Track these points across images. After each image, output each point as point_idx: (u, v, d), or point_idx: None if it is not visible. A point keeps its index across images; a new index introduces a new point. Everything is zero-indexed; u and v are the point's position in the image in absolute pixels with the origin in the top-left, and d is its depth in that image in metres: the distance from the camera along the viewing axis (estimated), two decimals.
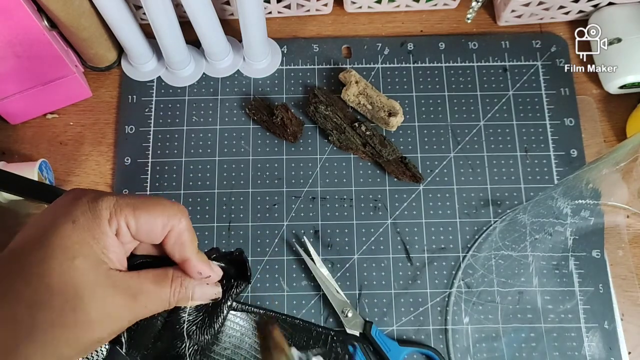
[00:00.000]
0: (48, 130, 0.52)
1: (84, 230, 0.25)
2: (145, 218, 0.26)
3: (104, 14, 0.46)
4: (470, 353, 0.45)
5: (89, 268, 0.24)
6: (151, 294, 0.27)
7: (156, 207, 0.27)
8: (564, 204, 0.46)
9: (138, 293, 0.26)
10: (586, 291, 0.46)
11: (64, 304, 0.23)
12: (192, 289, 0.28)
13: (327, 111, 0.50)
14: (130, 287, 0.26)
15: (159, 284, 0.27)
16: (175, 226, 0.27)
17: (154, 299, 0.27)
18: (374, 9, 0.55)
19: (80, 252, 0.24)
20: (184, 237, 0.28)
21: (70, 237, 0.24)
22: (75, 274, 0.24)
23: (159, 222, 0.27)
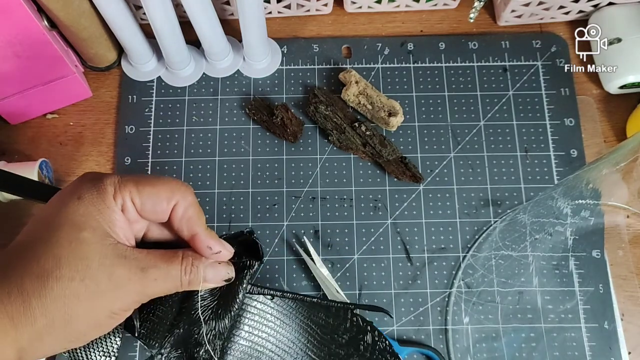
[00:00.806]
0: (48, 130, 0.52)
1: (90, 204, 0.25)
2: (148, 192, 0.27)
3: (104, 14, 0.46)
4: (470, 353, 0.45)
5: (96, 240, 0.25)
6: (161, 269, 0.26)
7: (159, 181, 0.27)
8: (564, 204, 0.46)
9: (147, 267, 0.26)
10: (586, 291, 0.46)
11: (73, 274, 0.24)
12: (204, 270, 0.28)
13: (327, 111, 0.50)
14: (139, 260, 0.26)
15: (168, 260, 0.27)
16: (180, 201, 0.27)
17: (163, 275, 0.26)
18: (374, 9, 0.55)
19: (87, 224, 0.25)
20: (190, 211, 0.28)
21: (77, 212, 0.25)
22: (82, 245, 0.24)
23: (163, 196, 0.27)
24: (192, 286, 0.28)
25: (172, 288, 0.27)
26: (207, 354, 0.29)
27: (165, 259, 0.27)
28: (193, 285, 0.28)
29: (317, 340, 0.33)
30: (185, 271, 0.27)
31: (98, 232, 0.25)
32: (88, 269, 0.24)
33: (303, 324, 0.33)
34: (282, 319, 0.33)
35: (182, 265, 0.27)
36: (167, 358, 0.29)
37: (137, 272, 0.25)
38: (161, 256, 0.27)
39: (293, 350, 0.33)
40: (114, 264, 0.25)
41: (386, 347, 0.33)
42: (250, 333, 0.32)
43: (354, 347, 0.33)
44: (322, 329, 0.33)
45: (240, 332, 0.31)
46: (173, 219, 0.28)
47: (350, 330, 0.33)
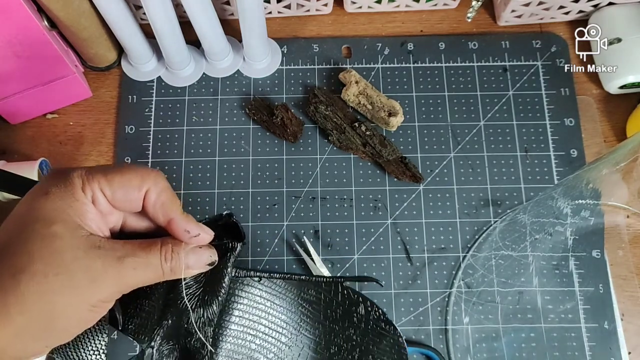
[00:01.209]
0: (48, 130, 0.52)
1: (58, 199, 0.25)
2: (118, 182, 0.26)
3: (104, 14, 0.46)
4: (470, 353, 0.45)
5: (68, 233, 0.24)
6: (139, 257, 0.26)
7: (128, 170, 0.27)
8: (564, 204, 0.46)
9: (124, 256, 0.25)
10: (586, 291, 0.46)
11: (47, 269, 0.23)
12: (186, 256, 0.27)
13: (327, 111, 0.50)
14: (115, 249, 0.25)
15: (146, 248, 0.26)
16: (152, 187, 0.27)
17: (142, 263, 0.26)
18: (374, 9, 0.55)
19: (57, 218, 0.24)
20: (163, 196, 0.27)
21: (45, 207, 0.24)
22: (54, 239, 0.24)
23: (134, 184, 0.26)
24: (174, 274, 0.27)
25: (153, 277, 0.26)
26: (199, 342, 0.29)
27: (143, 247, 0.26)
28: (176, 273, 0.27)
29: (310, 317, 0.33)
30: (165, 258, 0.26)
31: (69, 225, 0.24)
32: (62, 263, 0.24)
33: (295, 303, 0.33)
34: (273, 300, 0.32)
35: (162, 253, 0.26)
36: (159, 351, 0.29)
37: (113, 262, 0.25)
38: (139, 245, 0.26)
39: (287, 330, 0.33)
40: (88, 255, 0.24)
41: (380, 315, 0.33)
42: (241, 317, 0.31)
43: (348, 320, 0.33)
44: (314, 306, 0.33)
45: (231, 317, 0.31)
46: (147, 206, 0.27)
47: (342, 304, 0.33)
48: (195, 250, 0.28)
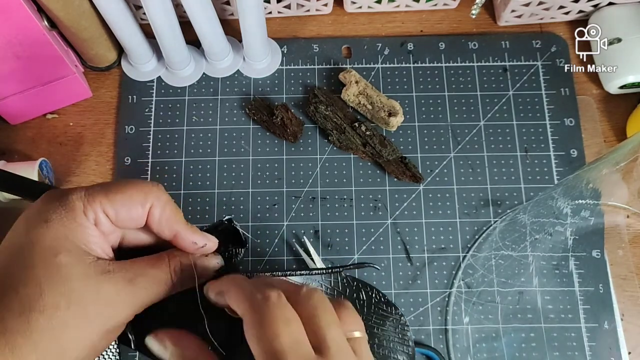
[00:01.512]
0: (48, 131, 0.52)
1: (60, 226, 0.24)
2: (120, 200, 0.25)
3: (104, 14, 0.46)
4: (471, 353, 0.45)
5: (74, 261, 0.23)
6: (149, 276, 0.25)
7: (129, 186, 0.26)
8: (564, 204, 0.46)
9: (134, 277, 0.25)
10: (586, 291, 0.46)
11: (57, 301, 0.22)
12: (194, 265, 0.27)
13: (327, 111, 0.50)
14: (125, 271, 0.25)
15: (155, 265, 0.26)
16: (155, 202, 0.26)
17: (152, 281, 0.25)
18: (374, 9, 0.55)
19: (61, 247, 0.23)
20: (167, 211, 0.27)
21: (47, 237, 0.23)
22: (61, 269, 0.23)
23: (137, 201, 0.26)
24: (185, 285, 0.27)
25: (164, 292, 0.26)
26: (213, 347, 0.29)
27: (152, 264, 0.26)
28: (185, 284, 0.27)
29: None
30: (175, 271, 0.26)
31: (74, 253, 0.24)
32: (72, 293, 0.23)
33: None
34: None
35: (171, 267, 0.26)
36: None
37: (125, 285, 0.24)
38: (147, 262, 0.26)
39: None
40: (98, 282, 0.24)
41: (380, 298, 0.33)
42: None
43: None
44: None
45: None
46: (151, 221, 0.27)
47: (343, 292, 0.33)
48: (202, 259, 0.28)
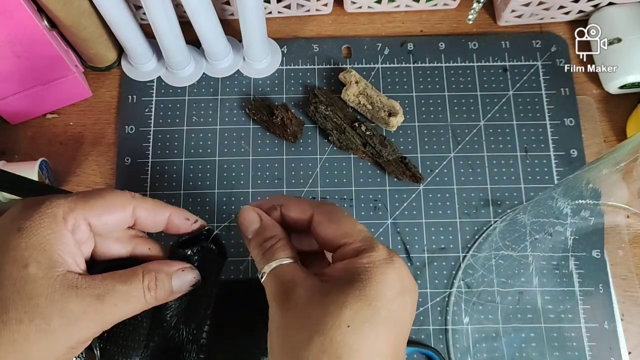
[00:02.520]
0: (48, 130, 0.52)
1: (32, 235, 0.24)
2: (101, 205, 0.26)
3: (104, 14, 0.46)
4: (471, 353, 0.45)
5: (43, 274, 0.23)
6: (118, 292, 0.24)
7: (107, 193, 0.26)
8: (564, 204, 0.46)
9: (103, 293, 0.24)
10: (586, 291, 0.46)
11: (21, 315, 0.22)
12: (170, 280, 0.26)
13: (327, 111, 0.50)
14: (94, 287, 0.24)
15: (127, 281, 0.25)
16: (136, 203, 0.27)
17: (124, 297, 0.25)
18: (374, 9, 0.55)
19: (31, 258, 0.23)
20: (149, 202, 0.27)
21: (18, 246, 0.23)
22: (28, 283, 0.23)
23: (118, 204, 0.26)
24: (159, 301, 0.26)
25: (137, 308, 0.25)
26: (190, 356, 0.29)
27: (123, 279, 0.25)
28: (161, 300, 0.26)
29: None
30: (149, 287, 0.25)
31: (44, 265, 0.23)
32: (37, 308, 0.22)
33: None
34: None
35: (145, 282, 0.25)
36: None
37: (92, 301, 0.24)
38: (118, 278, 0.25)
39: None
40: (64, 297, 0.23)
41: None
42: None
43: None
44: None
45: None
46: (140, 219, 0.27)
47: None
48: (179, 274, 0.27)
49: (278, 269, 0.26)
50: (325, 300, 0.23)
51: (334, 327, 0.22)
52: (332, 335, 0.22)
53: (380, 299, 0.23)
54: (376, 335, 0.22)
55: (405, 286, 0.24)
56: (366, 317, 0.22)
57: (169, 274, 0.27)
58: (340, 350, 0.22)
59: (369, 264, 0.24)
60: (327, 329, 0.22)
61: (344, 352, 0.22)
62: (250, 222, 0.28)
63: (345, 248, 0.25)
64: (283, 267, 0.26)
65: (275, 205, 0.28)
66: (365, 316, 0.22)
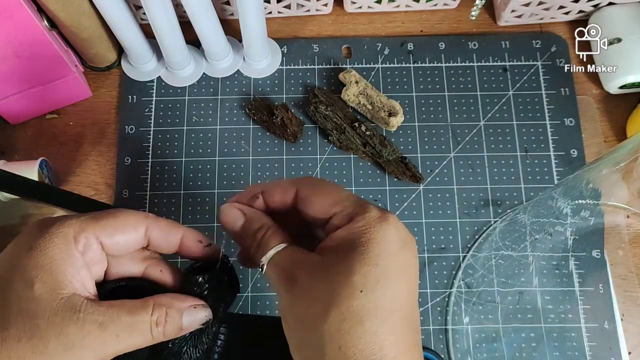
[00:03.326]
0: (48, 130, 0.52)
1: (42, 254, 0.23)
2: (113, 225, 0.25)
3: (104, 14, 0.46)
4: (471, 353, 0.45)
5: (47, 295, 0.23)
6: (124, 323, 0.24)
7: (119, 212, 0.26)
8: (564, 204, 0.46)
9: (107, 322, 0.23)
10: (586, 291, 0.46)
11: (20, 334, 0.22)
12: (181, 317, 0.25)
13: (327, 111, 0.50)
14: (97, 313, 0.23)
15: (134, 312, 0.24)
16: (149, 223, 0.26)
17: (128, 328, 0.24)
18: (374, 9, 0.55)
19: (38, 278, 0.23)
20: (163, 222, 0.27)
21: (28, 265, 0.23)
22: (32, 303, 0.23)
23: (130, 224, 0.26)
24: (167, 337, 0.25)
25: (140, 342, 0.24)
26: None
27: (131, 310, 0.24)
28: (169, 336, 0.25)
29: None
30: (157, 322, 0.24)
31: (49, 285, 0.23)
32: (36, 328, 0.22)
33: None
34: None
35: (154, 316, 0.24)
36: None
37: (92, 328, 0.23)
38: (127, 308, 0.24)
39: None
40: (64, 321, 0.23)
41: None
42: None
43: None
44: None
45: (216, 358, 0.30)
46: (153, 240, 0.27)
47: None
48: (190, 311, 0.26)
49: (275, 257, 0.25)
50: (331, 273, 0.23)
51: (348, 296, 0.22)
52: (349, 304, 0.22)
53: (385, 256, 0.23)
54: (392, 292, 0.23)
55: (405, 239, 0.24)
56: (376, 277, 0.22)
57: (181, 310, 0.26)
58: (360, 314, 0.22)
59: (364, 226, 0.24)
60: (342, 299, 0.22)
61: (364, 316, 0.22)
62: (234, 219, 0.28)
63: (337, 217, 0.25)
64: (280, 253, 0.25)
65: (255, 194, 0.28)
66: (375, 277, 0.22)
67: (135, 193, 0.50)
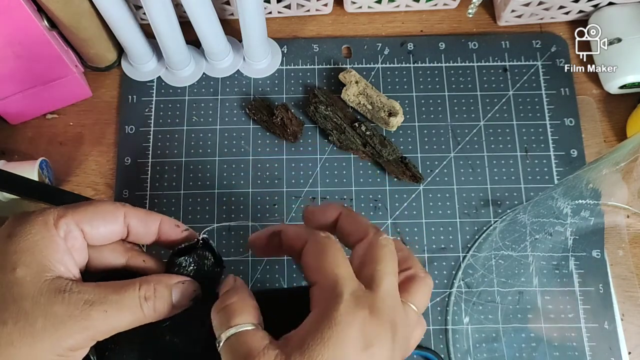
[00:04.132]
0: (48, 130, 0.52)
1: (22, 240, 0.23)
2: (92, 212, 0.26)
3: (104, 14, 0.46)
4: (471, 353, 0.45)
5: (30, 277, 0.23)
6: (112, 300, 0.23)
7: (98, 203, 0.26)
8: (564, 204, 0.46)
9: (94, 299, 0.23)
10: (586, 291, 0.46)
11: (5, 317, 0.22)
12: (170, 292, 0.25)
13: (327, 111, 0.50)
14: (84, 292, 0.23)
15: (120, 291, 0.24)
16: (126, 211, 0.27)
17: (116, 305, 0.23)
18: (374, 9, 0.55)
19: (19, 262, 0.23)
20: (141, 212, 0.27)
21: (7, 251, 0.23)
22: (15, 286, 0.23)
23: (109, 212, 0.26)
24: (158, 313, 0.25)
25: (132, 320, 0.24)
26: None
27: (118, 289, 0.24)
28: (160, 312, 0.25)
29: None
30: (146, 297, 0.24)
31: (33, 268, 0.23)
32: (22, 311, 0.22)
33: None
34: None
35: (142, 291, 0.24)
36: None
37: (80, 306, 0.23)
38: (113, 287, 0.24)
39: None
40: (50, 300, 0.22)
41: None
42: None
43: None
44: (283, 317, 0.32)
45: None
46: (132, 228, 0.27)
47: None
48: (179, 286, 0.26)
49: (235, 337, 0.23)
50: None
51: None
52: None
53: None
54: None
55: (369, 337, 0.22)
56: None
57: (169, 286, 0.26)
58: None
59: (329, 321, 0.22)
60: None
61: None
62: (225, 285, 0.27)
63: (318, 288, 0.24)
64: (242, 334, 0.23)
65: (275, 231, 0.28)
66: None
67: (135, 193, 0.50)
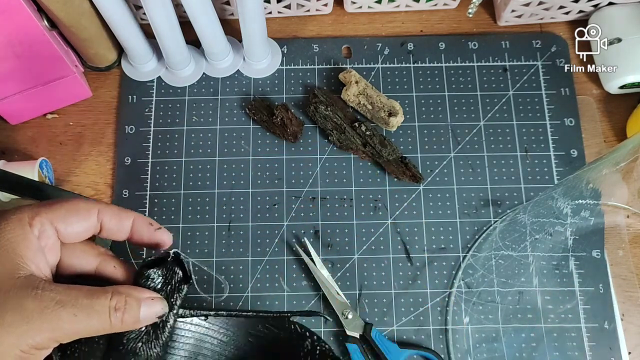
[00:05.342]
0: (48, 130, 0.52)
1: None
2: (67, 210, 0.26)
3: (104, 14, 0.46)
4: (471, 353, 0.45)
5: (2, 275, 0.23)
6: (82, 304, 0.24)
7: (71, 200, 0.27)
8: (564, 204, 0.46)
9: (65, 301, 0.23)
10: (586, 291, 0.46)
11: None
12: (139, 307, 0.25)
13: (327, 111, 0.50)
14: (56, 292, 0.23)
15: (93, 296, 0.24)
16: (100, 208, 0.27)
17: (84, 310, 0.23)
18: (374, 9, 0.55)
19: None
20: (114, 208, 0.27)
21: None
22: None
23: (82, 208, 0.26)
24: (125, 325, 0.25)
25: (98, 327, 0.24)
26: None
27: (89, 294, 0.24)
28: (127, 325, 0.25)
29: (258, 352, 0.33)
30: (117, 308, 0.24)
31: (6, 266, 0.23)
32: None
33: (243, 339, 0.32)
34: (220, 338, 0.32)
35: (113, 301, 0.24)
36: None
37: (50, 304, 0.23)
38: (85, 291, 0.24)
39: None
40: (21, 296, 0.23)
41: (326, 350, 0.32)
42: (188, 357, 0.30)
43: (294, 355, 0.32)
44: (262, 341, 0.32)
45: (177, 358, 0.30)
46: (105, 225, 0.27)
47: (289, 339, 0.33)
48: (148, 303, 0.26)
49: None
50: None
51: None
52: None
53: None
54: None
55: None
56: None
57: (139, 300, 0.26)
58: None
59: None
60: None
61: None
62: None
63: None
64: None
65: None
66: None
67: (135, 193, 0.50)
